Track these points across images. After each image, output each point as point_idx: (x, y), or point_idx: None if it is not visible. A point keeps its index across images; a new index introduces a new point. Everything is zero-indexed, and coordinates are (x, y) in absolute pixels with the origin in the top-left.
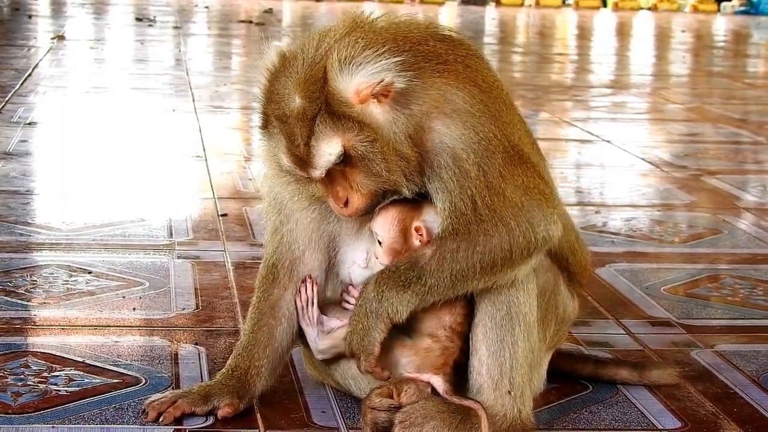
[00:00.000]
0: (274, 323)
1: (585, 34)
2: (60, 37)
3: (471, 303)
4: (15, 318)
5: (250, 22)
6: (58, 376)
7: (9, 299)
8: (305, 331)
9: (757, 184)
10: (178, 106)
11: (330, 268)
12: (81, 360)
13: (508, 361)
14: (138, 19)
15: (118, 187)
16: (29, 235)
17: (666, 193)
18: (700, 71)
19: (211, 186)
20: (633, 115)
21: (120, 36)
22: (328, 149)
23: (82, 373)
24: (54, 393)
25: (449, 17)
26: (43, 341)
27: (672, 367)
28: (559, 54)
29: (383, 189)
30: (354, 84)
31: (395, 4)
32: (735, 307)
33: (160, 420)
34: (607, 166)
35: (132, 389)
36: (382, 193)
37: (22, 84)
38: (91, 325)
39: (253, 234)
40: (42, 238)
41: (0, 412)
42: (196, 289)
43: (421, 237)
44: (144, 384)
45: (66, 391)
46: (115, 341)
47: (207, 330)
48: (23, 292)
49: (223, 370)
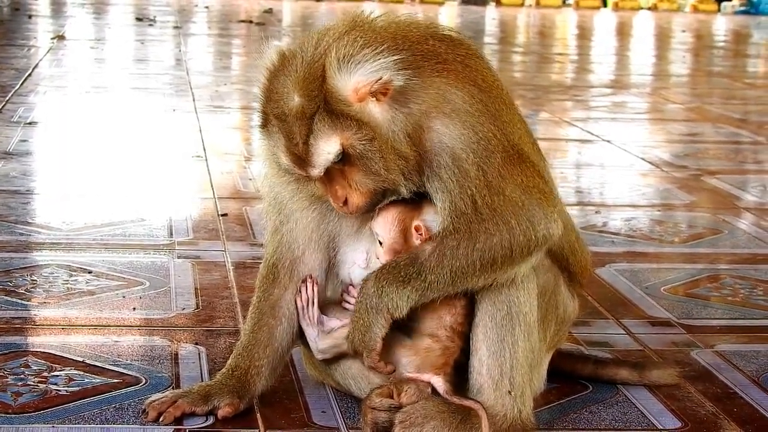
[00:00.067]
0: (274, 323)
1: (585, 34)
2: (60, 37)
3: (471, 303)
4: (15, 318)
5: (250, 21)
6: (58, 375)
7: (9, 299)
8: (305, 331)
9: (757, 184)
10: (178, 105)
11: (330, 268)
12: (81, 360)
13: (508, 361)
14: (138, 19)
15: (118, 187)
16: (29, 235)
17: (666, 193)
18: (700, 71)
19: (212, 186)
20: (633, 115)
21: (120, 36)
22: (326, 148)
23: (82, 373)
24: (54, 393)
25: (449, 17)
26: (43, 341)
27: (672, 367)
28: (560, 54)
29: (382, 188)
30: (352, 82)
31: (395, 3)
32: (735, 307)
33: (160, 420)
34: (607, 166)
35: (132, 389)
36: (381, 192)
37: (22, 84)
38: (91, 325)
39: (254, 234)
40: (42, 237)
41: (0, 411)
42: (196, 289)
43: (422, 236)
44: (144, 384)
45: (66, 391)
46: (116, 341)
47: (207, 330)
48: (23, 291)
49: (224, 369)
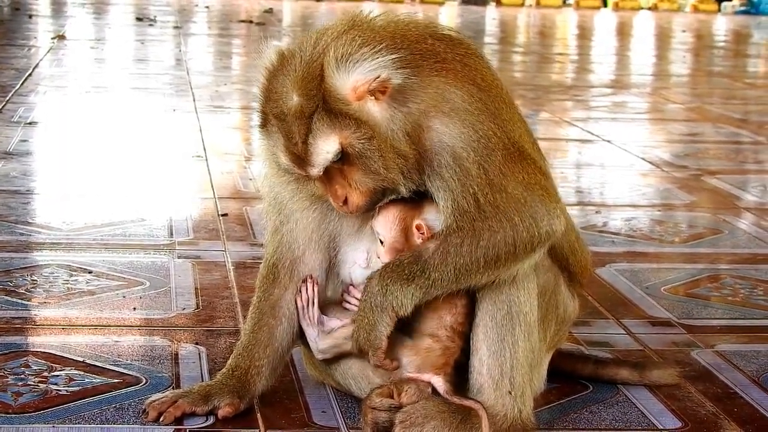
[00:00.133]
0: (274, 323)
1: (585, 33)
2: (60, 37)
3: (472, 303)
4: (15, 318)
5: (250, 21)
6: (58, 375)
7: (9, 299)
8: (306, 331)
9: (758, 184)
10: (178, 105)
11: (330, 268)
12: (81, 360)
13: (508, 361)
14: (138, 19)
15: (118, 187)
16: (30, 235)
17: (666, 193)
18: (700, 71)
19: (212, 186)
20: (633, 115)
21: (120, 36)
22: (325, 147)
23: (82, 373)
24: (54, 393)
25: (449, 17)
26: (44, 341)
27: (672, 367)
28: (560, 54)
29: (381, 187)
30: (351, 81)
31: (395, 3)
32: (735, 307)
33: (160, 420)
34: (608, 165)
35: (132, 389)
36: (381, 192)
37: (22, 84)
38: (92, 325)
39: (254, 234)
40: (42, 237)
41: (0, 411)
42: (196, 289)
43: (423, 235)
44: (144, 384)
45: (66, 391)
46: (116, 341)
47: (207, 330)
48: (24, 291)
49: (224, 369)
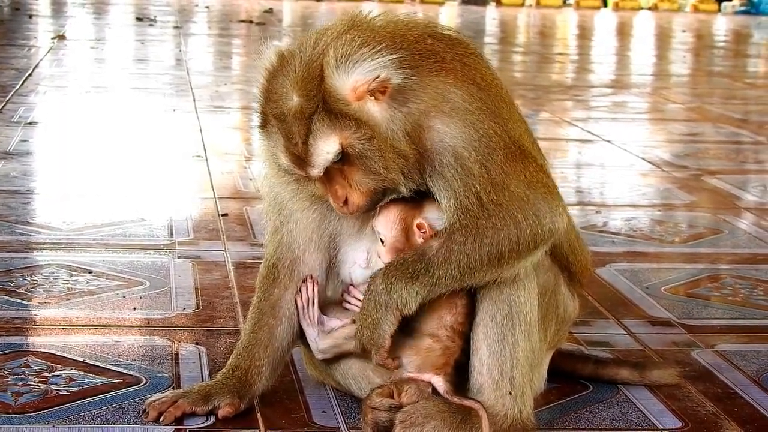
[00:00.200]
0: (274, 323)
1: (585, 33)
2: (60, 37)
3: (472, 302)
4: (15, 317)
5: (250, 21)
6: (58, 375)
7: (9, 299)
8: (306, 331)
9: (758, 184)
10: (178, 105)
11: (330, 268)
12: (81, 360)
13: (508, 361)
14: (138, 19)
15: (118, 187)
16: (30, 235)
17: (666, 193)
18: (700, 71)
19: (212, 186)
20: (633, 115)
21: (120, 36)
22: (325, 147)
23: (82, 373)
24: (54, 393)
25: (449, 17)
26: (44, 341)
27: (672, 367)
28: (560, 54)
29: (382, 187)
30: (350, 81)
31: (395, 3)
32: (735, 307)
33: (160, 420)
34: (608, 165)
35: (132, 389)
36: (381, 192)
37: (22, 84)
38: (92, 325)
39: (254, 234)
40: (42, 237)
41: (0, 411)
42: (196, 289)
43: (424, 234)
44: (144, 384)
45: (66, 391)
46: (116, 341)
47: (207, 330)
48: (24, 291)
49: (224, 369)
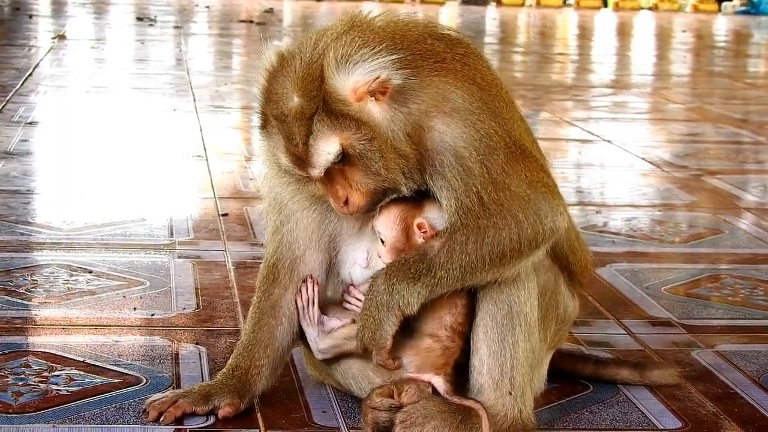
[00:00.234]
0: (274, 323)
1: (586, 33)
2: (61, 37)
3: (472, 302)
4: (16, 317)
5: (250, 21)
6: (58, 375)
7: (10, 299)
8: (306, 331)
9: (758, 184)
10: (178, 105)
11: (331, 268)
12: (81, 359)
13: (508, 361)
14: (139, 19)
15: (118, 187)
16: (30, 235)
17: (666, 193)
18: (700, 71)
19: (212, 185)
20: (634, 115)
21: (121, 36)
22: (326, 148)
23: (82, 373)
24: (54, 392)
25: (450, 17)
26: (44, 341)
27: (673, 367)
28: (560, 54)
29: (382, 187)
30: (351, 82)
31: (395, 3)
32: (736, 307)
33: (160, 420)
34: (608, 166)
35: (133, 389)
36: (382, 192)
37: (22, 83)
38: (92, 325)
39: (254, 234)
40: (43, 237)
41: (1, 411)
42: (196, 289)
43: (425, 233)
44: (145, 384)
45: (66, 391)
46: (116, 341)
47: (208, 330)
48: (24, 291)
49: (224, 369)
